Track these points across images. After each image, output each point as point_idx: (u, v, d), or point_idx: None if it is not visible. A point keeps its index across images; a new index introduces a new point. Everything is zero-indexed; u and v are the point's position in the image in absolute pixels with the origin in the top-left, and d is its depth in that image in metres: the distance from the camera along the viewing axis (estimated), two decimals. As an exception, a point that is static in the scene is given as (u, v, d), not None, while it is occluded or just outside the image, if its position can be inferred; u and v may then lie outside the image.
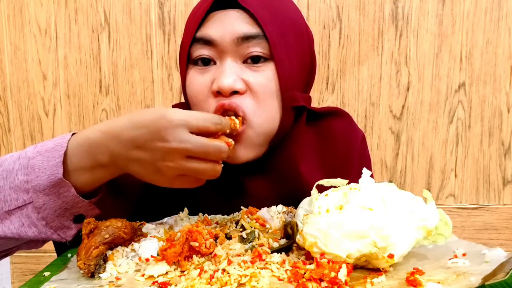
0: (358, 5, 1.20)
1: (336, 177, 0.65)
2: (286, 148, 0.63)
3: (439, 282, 0.42)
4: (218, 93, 0.56)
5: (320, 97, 1.23)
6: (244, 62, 0.57)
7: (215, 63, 0.58)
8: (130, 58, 1.22)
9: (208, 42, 0.57)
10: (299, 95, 0.60)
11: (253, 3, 0.56)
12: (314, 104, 1.22)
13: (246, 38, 0.56)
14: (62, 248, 0.58)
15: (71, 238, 0.54)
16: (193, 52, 0.59)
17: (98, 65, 1.23)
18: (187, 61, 0.60)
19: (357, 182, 0.67)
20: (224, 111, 0.56)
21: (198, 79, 0.58)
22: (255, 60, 0.57)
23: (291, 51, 0.58)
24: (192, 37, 0.58)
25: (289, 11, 0.61)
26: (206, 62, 0.58)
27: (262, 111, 0.57)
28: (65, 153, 0.49)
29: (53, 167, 0.48)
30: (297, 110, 0.62)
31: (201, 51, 0.58)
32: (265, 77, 0.57)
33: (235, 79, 0.55)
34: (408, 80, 1.23)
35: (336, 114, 0.71)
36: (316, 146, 0.67)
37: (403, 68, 1.22)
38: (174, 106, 0.72)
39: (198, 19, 0.58)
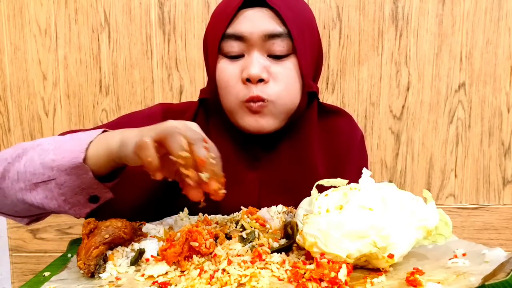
0: (358, 5, 1.20)
1: (335, 168, 0.73)
2: (300, 130, 0.72)
3: (439, 282, 0.42)
4: (247, 81, 0.65)
5: (320, 97, 1.23)
6: (269, 55, 0.66)
7: (243, 55, 0.66)
8: (130, 58, 1.22)
9: (239, 38, 0.65)
10: (312, 83, 0.70)
11: (279, 3, 0.64)
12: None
13: (273, 36, 0.64)
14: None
15: (84, 215, 0.60)
16: (224, 46, 0.66)
17: (98, 65, 1.23)
18: (217, 52, 0.67)
19: (355, 176, 0.71)
20: (252, 100, 0.65)
21: (229, 68, 0.67)
22: (279, 55, 0.65)
23: (307, 46, 0.67)
24: (223, 32, 0.66)
25: (306, 11, 0.70)
26: (236, 55, 0.67)
27: (286, 95, 0.66)
28: (91, 143, 0.56)
29: (77, 152, 0.55)
30: (309, 96, 0.71)
31: (232, 46, 0.66)
32: (287, 68, 0.66)
33: (262, 69, 0.64)
34: (408, 80, 1.23)
35: (340, 114, 0.80)
36: (321, 138, 0.75)
37: (403, 68, 1.22)
38: (202, 90, 0.76)
39: (228, 16, 0.65)
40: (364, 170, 0.55)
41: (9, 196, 0.60)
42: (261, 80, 0.64)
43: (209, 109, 0.74)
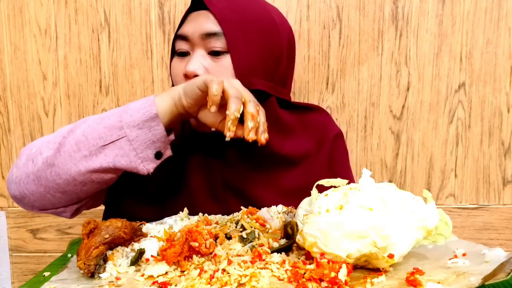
0: (358, 5, 1.20)
1: (306, 159, 0.76)
2: None
3: (439, 282, 0.42)
4: (186, 76, 0.71)
5: (320, 97, 1.23)
6: (209, 53, 0.71)
7: (189, 53, 0.73)
8: (130, 58, 1.22)
9: (184, 38, 0.72)
10: (258, 81, 0.72)
11: (218, 5, 0.70)
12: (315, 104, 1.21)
13: (209, 35, 0.70)
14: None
15: (152, 170, 0.65)
16: (176, 46, 0.75)
17: (98, 65, 1.23)
18: (171, 53, 0.76)
19: (324, 171, 0.79)
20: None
21: (177, 65, 0.74)
22: (216, 52, 0.71)
23: (251, 45, 0.71)
24: (175, 34, 0.74)
25: (253, 11, 0.73)
26: (184, 53, 0.74)
27: None
28: (156, 97, 0.64)
29: (147, 107, 0.62)
30: (260, 94, 0.72)
31: (181, 45, 0.73)
32: (222, 65, 0.71)
33: (198, 66, 0.70)
34: (408, 80, 1.23)
35: (316, 110, 0.84)
36: (296, 128, 0.79)
37: (403, 68, 1.22)
38: None
39: (181, 19, 0.75)
40: (364, 170, 0.55)
41: (65, 172, 0.63)
42: (196, 76, 0.69)
43: None
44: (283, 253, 0.53)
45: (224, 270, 0.47)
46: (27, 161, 0.67)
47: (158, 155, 0.64)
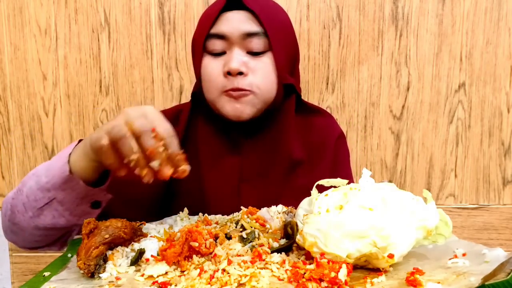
0: (358, 5, 1.20)
1: (311, 160, 0.80)
2: (277, 120, 0.79)
3: (439, 282, 0.42)
4: (228, 74, 0.72)
5: (320, 97, 1.23)
6: (248, 52, 0.73)
7: (225, 52, 0.74)
8: (130, 58, 1.22)
9: (221, 37, 0.73)
10: (288, 76, 0.77)
11: (256, 6, 0.72)
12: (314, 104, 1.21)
13: (251, 35, 0.72)
14: None
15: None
16: (208, 44, 0.74)
17: (98, 65, 1.23)
18: (202, 50, 0.75)
19: (328, 171, 0.81)
20: (232, 90, 0.72)
21: (213, 64, 0.74)
22: (256, 52, 0.73)
23: (282, 44, 0.75)
24: (207, 33, 0.73)
25: (280, 13, 0.78)
26: (219, 52, 0.74)
27: (263, 86, 0.73)
28: (70, 154, 0.60)
29: (61, 167, 0.59)
30: (288, 89, 0.78)
31: (215, 44, 0.73)
32: (264, 63, 0.73)
33: (241, 64, 0.71)
34: (408, 80, 1.23)
35: (320, 113, 0.87)
36: (298, 130, 0.82)
37: (403, 68, 1.22)
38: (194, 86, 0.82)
39: (212, 18, 0.73)
40: (364, 170, 0.55)
41: (25, 229, 0.64)
42: (240, 73, 0.71)
43: (196, 102, 0.81)
44: (283, 253, 0.53)
45: (224, 270, 0.47)
46: (2, 218, 0.69)
47: (96, 204, 0.63)
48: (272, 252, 0.53)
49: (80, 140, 0.62)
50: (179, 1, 1.20)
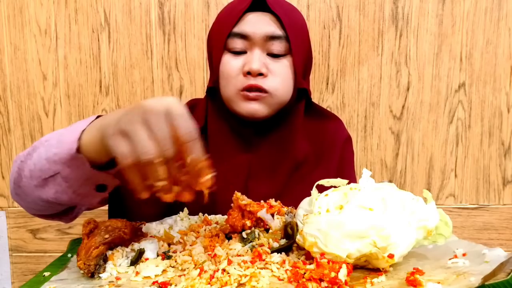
0: (358, 5, 1.20)
1: (318, 161, 0.82)
2: (287, 121, 0.79)
3: (439, 282, 0.42)
4: (248, 74, 0.72)
5: (320, 97, 1.23)
6: (268, 54, 0.74)
7: (245, 52, 0.74)
8: (130, 58, 1.22)
9: (243, 36, 0.73)
10: (302, 80, 0.78)
11: (279, 10, 0.73)
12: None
13: (273, 38, 0.72)
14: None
15: (97, 205, 0.63)
16: (229, 42, 0.74)
17: (98, 65, 1.23)
18: (223, 48, 0.75)
19: (334, 173, 0.81)
20: (250, 87, 0.72)
21: (232, 61, 0.74)
22: (276, 54, 0.74)
23: (300, 49, 0.76)
24: (229, 31, 0.73)
25: (300, 18, 0.79)
26: (239, 51, 0.74)
27: (281, 88, 0.74)
28: (84, 131, 0.55)
29: (71, 143, 0.54)
30: (300, 92, 0.79)
31: (237, 43, 0.74)
32: (283, 66, 0.74)
33: (261, 65, 0.72)
34: (408, 80, 1.23)
35: (330, 117, 0.87)
36: (307, 132, 0.83)
37: (403, 68, 1.22)
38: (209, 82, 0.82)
39: (235, 17, 0.74)
40: (364, 170, 0.55)
41: (29, 195, 0.61)
42: (260, 74, 0.72)
43: (210, 98, 0.81)
44: (283, 253, 0.53)
45: (224, 270, 0.47)
46: (10, 176, 0.67)
47: (101, 188, 0.59)
48: (272, 252, 0.53)
49: (98, 116, 0.57)
50: (179, 1, 1.20)
